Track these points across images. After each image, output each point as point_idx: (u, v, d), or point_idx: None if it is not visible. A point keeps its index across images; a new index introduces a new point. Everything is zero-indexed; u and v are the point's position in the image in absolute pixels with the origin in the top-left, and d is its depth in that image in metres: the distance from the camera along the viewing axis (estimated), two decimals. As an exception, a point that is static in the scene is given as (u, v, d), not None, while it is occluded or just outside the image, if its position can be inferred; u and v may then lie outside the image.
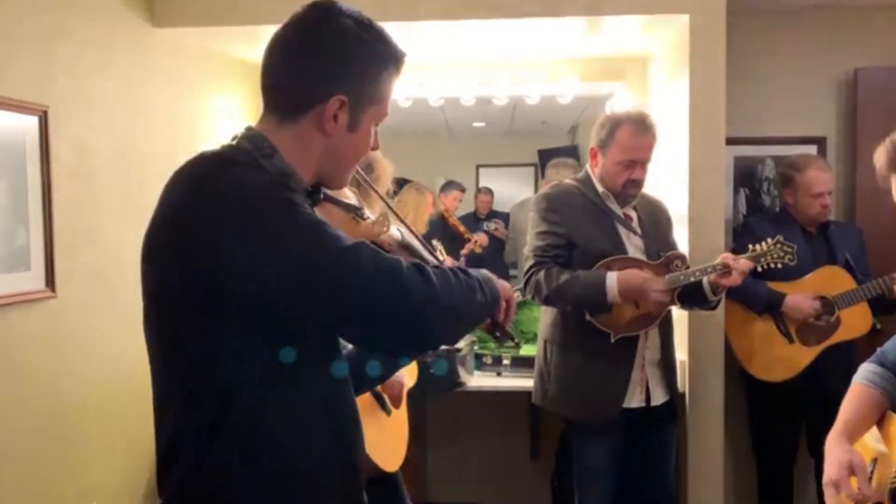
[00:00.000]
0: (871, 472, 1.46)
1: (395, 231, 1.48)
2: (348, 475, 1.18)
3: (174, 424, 1.09)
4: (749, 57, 3.12)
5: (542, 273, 2.35)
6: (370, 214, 1.45)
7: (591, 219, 2.42)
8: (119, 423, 2.51)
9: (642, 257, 2.40)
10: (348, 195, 1.44)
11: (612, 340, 2.33)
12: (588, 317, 2.33)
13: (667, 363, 2.46)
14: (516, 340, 1.62)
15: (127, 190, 2.56)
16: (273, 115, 1.14)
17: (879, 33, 3.25)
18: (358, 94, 1.12)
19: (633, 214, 2.48)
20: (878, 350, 1.61)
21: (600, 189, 2.44)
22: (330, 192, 1.31)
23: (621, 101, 3.21)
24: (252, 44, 2.98)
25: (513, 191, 5.40)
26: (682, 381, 2.66)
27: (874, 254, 2.97)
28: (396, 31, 1.20)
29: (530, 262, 2.42)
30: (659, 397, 2.43)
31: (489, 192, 5.13)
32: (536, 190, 5.49)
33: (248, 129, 1.15)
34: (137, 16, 2.68)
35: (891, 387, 1.53)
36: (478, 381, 3.17)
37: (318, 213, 1.27)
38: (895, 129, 3.16)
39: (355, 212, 1.41)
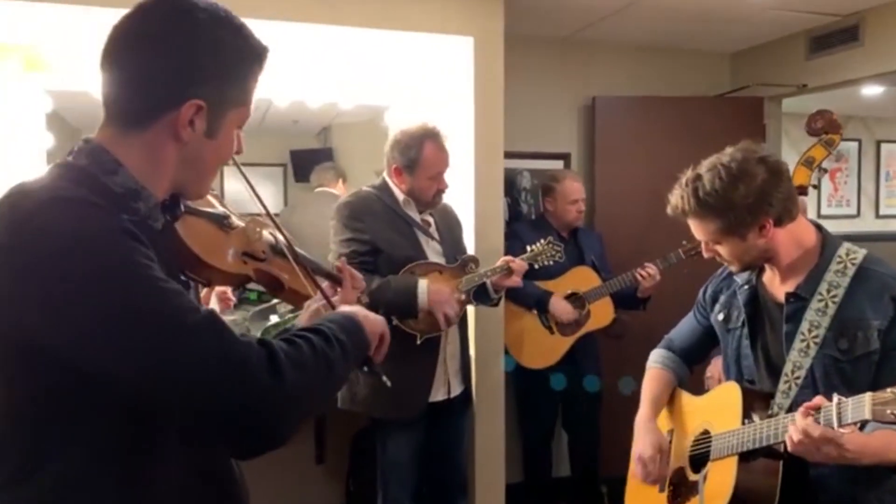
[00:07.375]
0: (670, 443, 1.77)
1: (268, 235, 1.39)
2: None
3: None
4: (509, 80, 3.47)
5: (352, 280, 2.40)
6: (238, 221, 1.36)
7: (392, 225, 2.53)
8: None
9: (441, 261, 2.57)
10: (212, 202, 1.33)
11: (419, 342, 2.46)
12: (395, 321, 2.41)
13: (464, 355, 2.67)
14: (384, 380, 1.48)
15: None
16: (116, 124, 0.98)
17: (614, 66, 3.84)
18: (217, 97, 0.99)
19: (431, 220, 2.64)
20: (665, 337, 1.93)
21: (400, 197, 2.56)
22: (191, 204, 1.21)
23: (398, 114, 3.33)
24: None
25: (259, 191, 5.22)
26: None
27: (610, 255, 3.49)
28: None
29: (340, 269, 2.45)
30: (457, 388, 2.63)
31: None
32: (286, 191, 5.45)
33: (86, 140, 0.98)
34: None
35: (677, 367, 1.86)
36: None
37: (181, 228, 1.18)
38: (626, 148, 3.73)
39: (221, 221, 1.31)
